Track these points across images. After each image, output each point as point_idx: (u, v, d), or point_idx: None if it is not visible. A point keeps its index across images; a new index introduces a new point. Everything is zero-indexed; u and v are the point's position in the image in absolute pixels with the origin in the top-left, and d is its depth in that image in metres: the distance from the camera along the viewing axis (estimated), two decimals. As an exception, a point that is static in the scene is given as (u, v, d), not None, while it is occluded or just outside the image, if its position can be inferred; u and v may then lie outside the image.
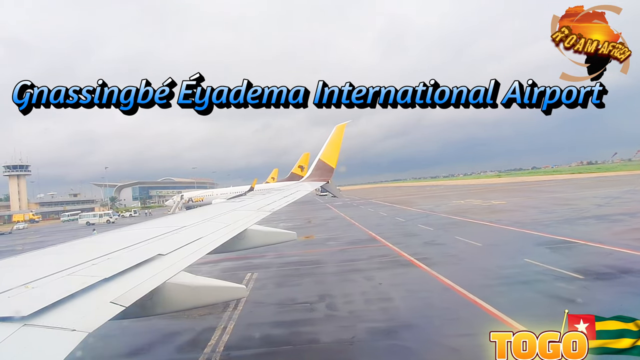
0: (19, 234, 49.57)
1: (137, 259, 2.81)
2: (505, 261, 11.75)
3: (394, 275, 11.46)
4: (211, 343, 7.09)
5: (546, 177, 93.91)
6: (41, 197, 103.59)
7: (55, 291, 2.06)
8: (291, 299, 9.73)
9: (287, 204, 8.02)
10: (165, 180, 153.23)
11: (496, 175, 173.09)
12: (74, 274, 2.41)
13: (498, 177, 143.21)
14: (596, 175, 71.43)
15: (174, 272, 2.76)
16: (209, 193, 59.89)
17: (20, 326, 1.69)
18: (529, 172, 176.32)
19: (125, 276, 2.50)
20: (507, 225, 19.23)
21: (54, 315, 1.85)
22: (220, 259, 15.20)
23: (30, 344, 1.63)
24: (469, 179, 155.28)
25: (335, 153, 15.46)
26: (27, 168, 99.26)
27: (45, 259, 3.13)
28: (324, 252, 16.50)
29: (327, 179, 15.22)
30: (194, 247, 3.45)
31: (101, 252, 2.97)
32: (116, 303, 2.11)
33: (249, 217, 5.59)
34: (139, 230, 4.28)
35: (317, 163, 15.29)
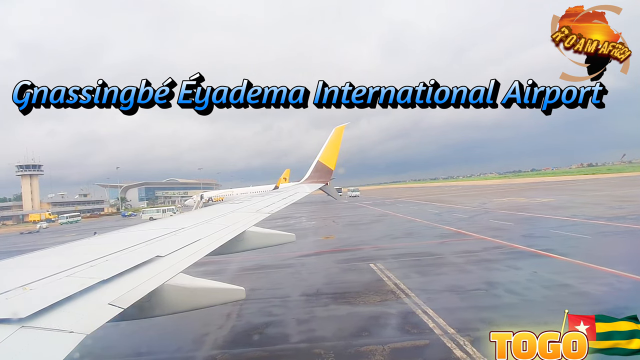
0: (48, 232, 50.07)
1: (135, 261, 2.80)
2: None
3: (537, 264, 10.98)
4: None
5: (556, 178, 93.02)
6: (52, 197, 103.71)
7: (53, 293, 2.05)
8: (458, 287, 9.40)
9: (286, 205, 8.01)
10: (170, 181, 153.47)
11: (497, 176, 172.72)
12: (72, 276, 2.40)
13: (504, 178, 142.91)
14: (612, 176, 70.31)
15: (172, 274, 2.75)
16: (229, 193, 60.19)
17: (18, 328, 1.68)
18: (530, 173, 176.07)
19: (124, 278, 2.49)
20: (591, 219, 18.51)
21: (52, 317, 1.84)
22: (317, 252, 15.63)
23: (28, 345, 1.62)
24: (470, 181, 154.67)
25: (334, 155, 15.46)
26: (40, 167, 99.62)
27: (44, 261, 3.11)
28: (425, 245, 15.98)
29: (326, 180, 15.23)
30: (193, 248, 3.45)
31: (99, 253, 2.96)
32: (114, 305, 2.10)
33: (248, 219, 5.58)
34: (137, 232, 4.27)
35: (316, 165, 15.29)
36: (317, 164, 15.44)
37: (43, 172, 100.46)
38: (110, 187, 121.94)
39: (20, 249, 25.57)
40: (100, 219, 79.58)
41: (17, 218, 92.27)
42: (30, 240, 38.45)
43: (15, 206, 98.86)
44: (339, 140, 15.31)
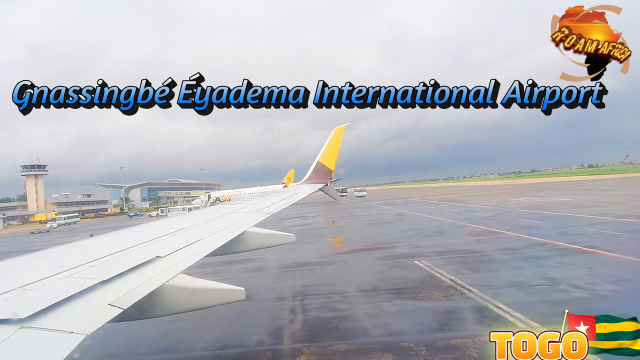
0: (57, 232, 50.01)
1: (135, 261, 2.80)
2: None
3: (587, 261, 10.83)
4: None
5: (561, 178, 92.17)
6: (56, 197, 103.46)
7: (53, 293, 2.05)
8: (518, 283, 9.23)
9: (286, 206, 8.01)
10: (172, 181, 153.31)
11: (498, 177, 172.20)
12: (72, 276, 2.40)
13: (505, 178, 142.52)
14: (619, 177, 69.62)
15: (172, 275, 2.75)
16: (237, 193, 59.98)
17: (18, 328, 1.67)
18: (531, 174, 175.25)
19: (124, 278, 2.49)
20: (620, 217, 18.24)
21: (52, 317, 1.84)
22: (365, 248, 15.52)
23: (27, 346, 1.61)
24: (472, 181, 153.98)
25: (334, 155, 15.48)
26: (45, 168, 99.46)
27: (43, 261, 3.11)
28: (461, 242, 15.71)
29: (326, 181, 15.24)
30: (193, 249, 3.44)
31: (99, 254, 2.96)
32: (114, 305, 2.10)
33: (248, 220, 5.58)
34: (137, 232, 4.27)
35: (316, 165, 15.29)
36: (316, 164, 15.45)
37: (48, 172, 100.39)
38: (112, 188, 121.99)
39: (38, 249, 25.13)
40: (106, 219, 79.31)
41: (22, 218, 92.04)
42: (46, 239, 38.10)
43: (20, 206, 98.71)
44: (338, 141, 15.33)
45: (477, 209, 29.02)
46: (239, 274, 13.03)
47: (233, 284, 3.71)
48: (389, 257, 13.74)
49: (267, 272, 13.07)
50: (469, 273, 10.46)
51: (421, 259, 12.59)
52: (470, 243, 15.41)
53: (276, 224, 27.58)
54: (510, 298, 8.06)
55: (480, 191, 60.11)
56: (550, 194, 39.87)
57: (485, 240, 15.76)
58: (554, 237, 14.63)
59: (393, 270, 11.72)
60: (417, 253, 13.95)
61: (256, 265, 14.08)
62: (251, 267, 13.76)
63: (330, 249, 16.49)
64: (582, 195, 34.22)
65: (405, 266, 12.07)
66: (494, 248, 13.80)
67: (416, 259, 12.78)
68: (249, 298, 9.61)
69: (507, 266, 11.06)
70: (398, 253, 14.40)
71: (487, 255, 12.71)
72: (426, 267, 11.56)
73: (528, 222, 19.49)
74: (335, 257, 14.89)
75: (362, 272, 11.99)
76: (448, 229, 19.85)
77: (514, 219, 21.42)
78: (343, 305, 8.65)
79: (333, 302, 8.93)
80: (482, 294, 8.48)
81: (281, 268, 13.43)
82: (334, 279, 11.41)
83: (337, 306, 8.64)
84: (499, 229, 18.13)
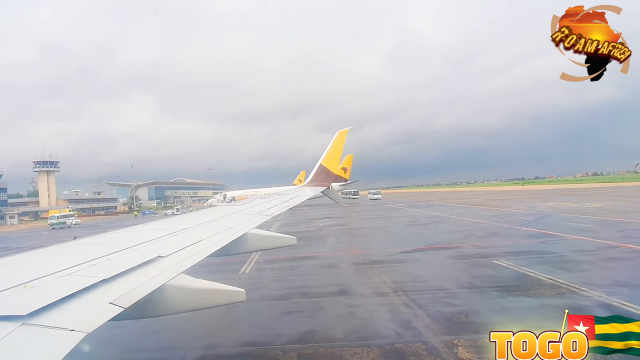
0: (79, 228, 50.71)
1: (137, 261, 2.82)
2: None
3: None
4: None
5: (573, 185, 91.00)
6: (67, 194, 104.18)
7: (54, 291, 2.07)
8: (623, 282, 9.11)
9: (288, 208, 8.02)
10: (178, 181, 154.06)
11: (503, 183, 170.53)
12: (74, 274, 2.42)
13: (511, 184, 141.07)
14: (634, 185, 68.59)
15: (173, 274, 2.77)
16: (252, 192, 59.55)
17: (19, 325, 1.69)
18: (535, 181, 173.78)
19: (125, 277, 2.50)
20: None
21: (53, 315, 1.85)
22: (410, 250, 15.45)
23: (28, 343, 1.63)
24: (480, 187, 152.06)
25: (337, 158, 15.45)
26: (57, 164, 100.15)
27: (45, 259, 3.14)
28: (526, 244, 15.40)
29: (328, 184, 15.21)
30: (194, 249, 3.45)
31: (101, 253, 2.98)
32: (115, 304, 2.11)
33: (249, 221, 5.60)
34: (139, 232, 4.30)
35: (318, 168, 15.26)
36: (319, 167, 15.43)
37: (59, 169, 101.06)
38: (118, 186, 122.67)
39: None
40: (118, 217, 78.96)
41: (34, 214, 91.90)
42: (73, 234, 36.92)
43: (31, 202, 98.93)
44: (341, 143, 15.31)
45: (513, 213, 28.55)
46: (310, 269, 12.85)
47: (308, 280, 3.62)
48: (461, 257, 13.42)
49: (342, 268, 12.82)
50: (563, 273, 10.19)
51: (499, 259, 12.27)
52: (536, 245, 15.09)
53: (308, 224, 28.19)
54: (627, 296, 7.85)
55: (498, 196, 59.26)
56: (577, 199, 39.20)
57: (550, 242, 15.40)
58: (621, 240, 14.20)
59: (480, 269, 11.37)
60: (488, 253, 13.62)
61: (328, 262, 13.90)
62: (324, 264, 13.53)
63: (388, 247, 16.10)
64: (613, 201, 33.64)
65: (488, 265, 11.74)
66: (567, 249, 13.44)
67: (493, 258, 12.46)
68: (348, 292, 9.66)
69: (597, 267, 10.78)
70: (468, 253, 14.04)
71: (566, 256, 12.39)
72: (511, 266, 11.26)
73: (579, 226, 19.03)
74: (404, 255, 14.54)
75: (445, 270, 11.63)
76: (499, 231, 19.48)
77: (561, 222, 21.00)
78: (456, 301, 8.38)
79: (443, 298, 8.65)
80: (593, 292, 8.24)
81: (354, 265, 13.14)
82: (423, 276, 11.06)
83: (451, 301, 8.38)
84: (554, 231, 17.75)
